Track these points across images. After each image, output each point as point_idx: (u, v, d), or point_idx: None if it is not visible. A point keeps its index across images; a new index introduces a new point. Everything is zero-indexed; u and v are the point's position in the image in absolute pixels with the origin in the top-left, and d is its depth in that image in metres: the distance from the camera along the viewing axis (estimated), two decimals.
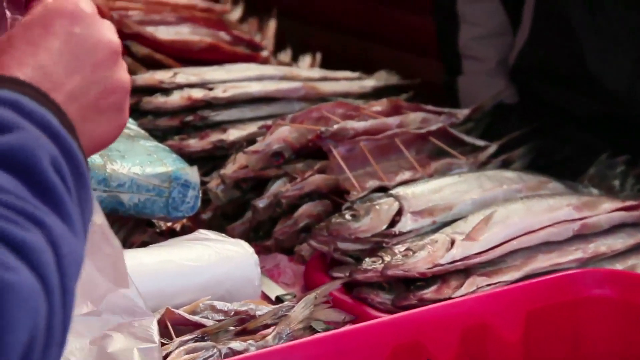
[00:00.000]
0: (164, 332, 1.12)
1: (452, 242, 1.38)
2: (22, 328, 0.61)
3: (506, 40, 1.93)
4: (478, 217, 1.42)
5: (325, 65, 2.16)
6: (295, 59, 2.20)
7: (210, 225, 1.57)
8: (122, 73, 0.81)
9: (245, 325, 1.19)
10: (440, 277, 1.35)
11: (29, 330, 0.61)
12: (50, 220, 0.65)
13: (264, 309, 1.23)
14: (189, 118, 1.71)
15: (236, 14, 2.26)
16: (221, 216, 1.60)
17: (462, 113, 1.76)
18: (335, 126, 1.59)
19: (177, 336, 1.15)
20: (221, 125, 1.71)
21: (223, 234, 1.38)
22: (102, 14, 1.83)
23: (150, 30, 1.89)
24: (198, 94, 1.72)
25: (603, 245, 1.46)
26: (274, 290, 1.41)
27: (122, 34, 1.84)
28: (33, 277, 0.62)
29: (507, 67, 1.91)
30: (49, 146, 0.68)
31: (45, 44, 0.75)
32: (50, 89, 0.73)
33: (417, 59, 2.80)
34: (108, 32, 0.80)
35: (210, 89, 1.73)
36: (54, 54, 0.75)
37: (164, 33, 1.91)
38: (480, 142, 1.71)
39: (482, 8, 1.94)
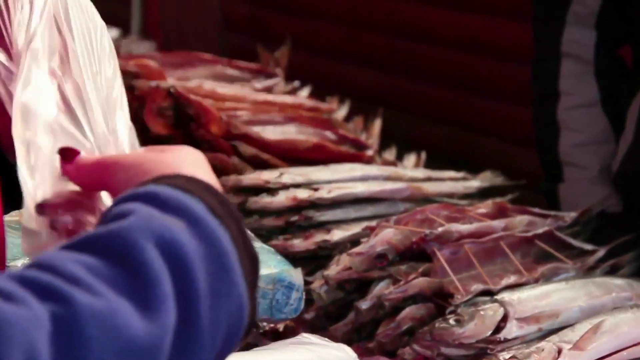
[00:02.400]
0: None
1: (559, 351, 1.36)
2: None
3: (609, 147, 1.89)
4: (586, 326, 1.39)
5: (429, 157, 2.17)
6: (400, 154, 2.21)
7: (313, 326, 1.57)
8: None
9: None
10: None
11: None
12: (84, 298, 0.63)
13: None
14: (294, 218, 1.72)
15: (342, 112, 2.29)
16: (324, 316, 1.60)
17: (570, 216, 1.73)
18: (440, 229, 1.58)
19: None
20: (325, 226, 1.73)
21: (326, 338, 1.38)
22: (212, 115, 1.89)
23: (257, 130, 1.93)
24: (303, 194, 1.74)
25: None
26: None
27: (230, 135, 1.90)
28: None
29: (610, 175, 1.88)
30: (160, 227, 0.66)
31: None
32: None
33: (522, 151, 2.79)
34: None
35: (316, 190, 1.75)
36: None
37: (270, 133, 1.95)
38: (588, 246, 1.68)
39: (584, 115, 1.91)
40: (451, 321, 1.43)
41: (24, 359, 0.60)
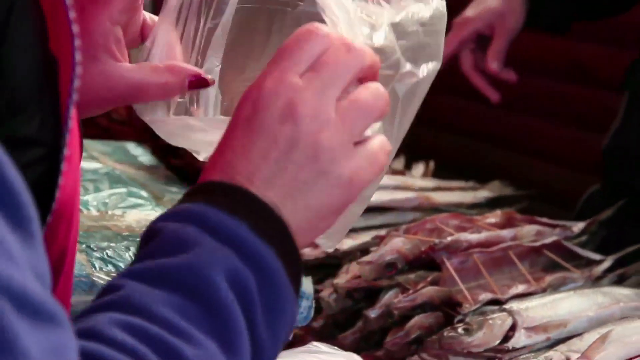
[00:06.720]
0: None
1: None
2: None
3: None
4: (594, 335, 1.39)
5: (437, 166, 2.17)
6: (408, 163, 2.22)
7: (321, 334, 1.58)
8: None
9: None
10: None
11: None
12: (191, 353, 0.65)
13: None
14: None
15: None
16: (333, 324, 1.61)
17: (578, 226, 1.74)
18: (449, 238, 1.59)
19: None
20: None
21: (335, 347, 1.39)
22: None
23: None
24: None
25: None
26: None
27: None
28: None
29: None
30: (227, 260, 0.68)
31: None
32: (255, 183, 0.72)
33: (531, 161, 2.79)
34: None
35: None
36: (244, 145, 0.74)
37: None
38: (596, 256, 1.69)
39: None
40: (460, 330, 1.43)
41: None
